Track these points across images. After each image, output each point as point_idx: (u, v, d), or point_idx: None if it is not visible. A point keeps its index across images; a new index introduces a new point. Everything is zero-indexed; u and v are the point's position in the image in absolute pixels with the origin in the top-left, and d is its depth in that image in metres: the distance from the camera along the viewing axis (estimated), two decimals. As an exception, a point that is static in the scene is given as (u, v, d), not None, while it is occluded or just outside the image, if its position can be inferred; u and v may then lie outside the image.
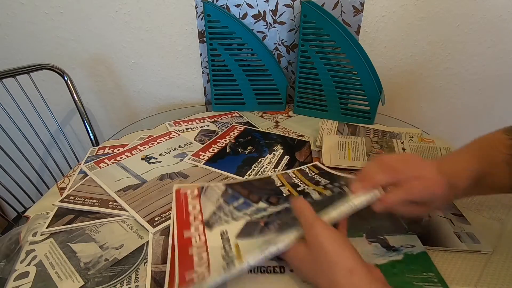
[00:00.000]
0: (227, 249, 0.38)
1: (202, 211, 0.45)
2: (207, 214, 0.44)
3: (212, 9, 0.71)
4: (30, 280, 0.36)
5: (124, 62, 0.91)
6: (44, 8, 0.82)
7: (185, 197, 0.47)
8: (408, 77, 0.93)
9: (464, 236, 0.42)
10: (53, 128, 0.88)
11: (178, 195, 0.48)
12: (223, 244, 0.39)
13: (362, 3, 0.77)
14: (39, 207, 0.50)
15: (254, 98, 0.82)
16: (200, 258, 0.37)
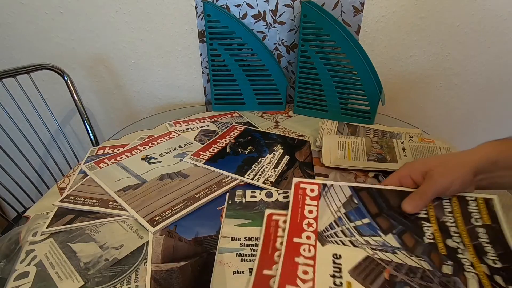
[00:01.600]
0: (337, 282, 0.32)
1: (318, 218, 0.39)
2: (322, 225, 0.38)
3: (212, 9, 0.71)
4: (30, 280, 0.36)
5: (124, 62, 0.91)
6: (44, 8, 0.82)
7: (304, 195, 0.42)
8: (408, 77, 0.93)
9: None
10: (53, 128, 0.88)
11: (297, 190, 0.42)
12: (334, 272, 0.33)
13: (362, 3, 0.77)
14: (39, 207, 0.50)
15: (254, 98, 0.82)
16: (305, 273, 0.33)
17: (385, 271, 0.33)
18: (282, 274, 0.33)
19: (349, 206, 0.40)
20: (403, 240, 0.36)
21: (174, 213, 0.45)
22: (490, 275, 0.32)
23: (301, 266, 0.34)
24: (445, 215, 0.38)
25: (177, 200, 0.48)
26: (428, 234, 0.36)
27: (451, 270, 0.33)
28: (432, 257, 0.34)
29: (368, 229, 0.37)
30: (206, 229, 0.43)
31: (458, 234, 0.36)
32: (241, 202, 0.48)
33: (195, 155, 0.61)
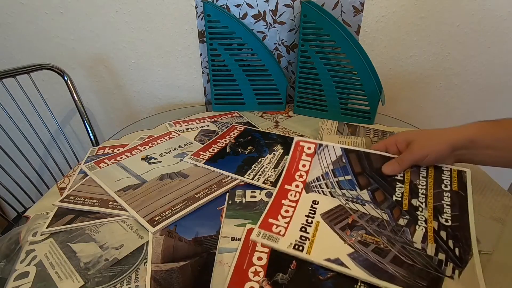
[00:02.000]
0: (308, 221, 0.40)
1: (309, 172, 0.46)
2: (311, 177, 0.45)
3: (212, 9, 0.71)
4: (30, 280, 0.36)
5: (124, 62, 0.91)
6: (44, 8, 0.82)
7: (301, 151, 0.49)
8: (408, 77, 0.93)
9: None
10: (53, 128, 0.88)
11: (296, 147, 0.50)
12: (309, 213, 0.41)
13: (362, 3, 0.77)
14: (39, 207, 0.50)
15: (254, 98, 0.82)
16: (286, 212, 0.41)
17: (350, 217, 0.40)
18: (268, 211, 0.42)
19: (337, 164, 0.46)
20: (375, 196, 0.42)
21: (174, 213, 0.45)
22: (437, 229, 0.38)
23: (284, 207, 0.42)
24: (419, 179, 0.44)
25: (177, 200, 0.48)
26: (397, 193, 0.42)
27: (405, 222, 0.39)
28: (394, 211, 0.40)
29: (348, 184, 0.44)
30: (206, 229, 0.43)
31: (425, 196, 0.42)
32: (241, 202, 0.48)
33: (195, 155, 0.61)
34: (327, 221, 0.40)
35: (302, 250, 0.36)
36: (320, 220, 0.40)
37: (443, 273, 0.34)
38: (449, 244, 0.37)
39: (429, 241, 0.37)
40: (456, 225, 0.38)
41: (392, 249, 0.36)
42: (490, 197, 0.51)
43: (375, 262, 0.35)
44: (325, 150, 0.48)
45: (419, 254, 0.36)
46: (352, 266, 0.34)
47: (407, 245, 0.37)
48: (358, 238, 0.38)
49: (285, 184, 0.46)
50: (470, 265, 0.34)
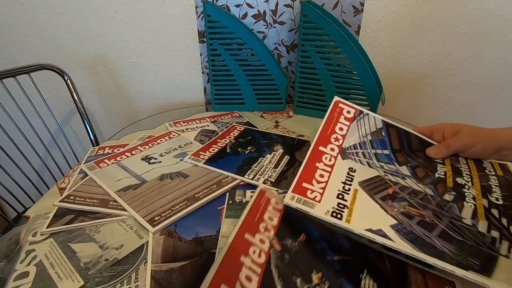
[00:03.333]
0: (346, 188, 0.37)
1: (346, 136, 0.43)
2: (348, 142, 0.43)
3: (212, 9, 0.71)
4: (30, 280, 0.36)
5: (124, 62, 0.91)
6: (44, 8, 0.82)
7: (340, 113, 0.46)
8: (408, 77, 0.93)
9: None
10: (53, 128, 0.88)
11: (335, 107, 0.47)
12: (346, 180, 0.38)
13: (362, 3, 0.77)
14: (39, 207, 0.50)
15: (254, 98, 0.82)
16: (321, 177, 0.38)
17: (390, 188, 0.37)
18: (301, 174, 0.38)
19: (376, 135, 0.43)
20: (415, 172, 0.39)
21: (174, 213, 0.45)
22: (487, 207, 0.34)
23: (319, 171, 0.39)
24: (460, 164, 0.41)
25: (177, 200, 0.48)
26: (440, 171, 0.39)
27: (451, 198, 0.36)
28: (438, 187, 0.37)
29: (386, 158, 0.41)
30: (206, 229, 0.43)
31: (469, 176, 0.39)
32: (241, 202, 0.48)
33: (195, 155, 0.61)
34: (366, 190, 0.36)
35: (341, 218, 0.34)
36: (358, 188, 0.37)
37: (498, 252, 0.30)
38: (503, 222, 0.33)
39: (479, 218, 0.33)
40: (508, 204, 0.35)
41: (439, 223, 0.33)
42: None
43: (421, 236, 0.31)
44: (365, 118, 0.46)
45: (469, 230, 0.32)
46: (396, 239, 0.31)
47: (456, 220, 0.33)
48: (401, 209, 0.34)
49: (320, 145, 0.42)
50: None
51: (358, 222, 0.33)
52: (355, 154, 0.42)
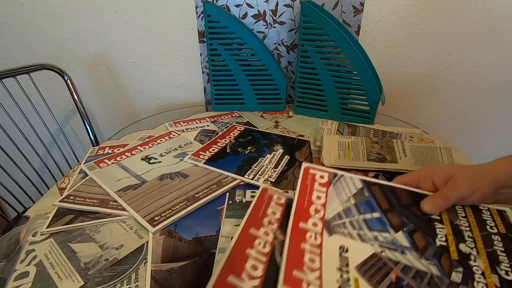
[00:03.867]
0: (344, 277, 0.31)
1: (327, 206, 0.38)
2: (330, 213, 0.37)
3: (212, 9, 0.71)
4: (30, 280, 0.36)
5: (124, 62, 0.91)
6: (44, 8, 0.82)
7: (312, 180, 0.40)
8: (408, 77, 0.93)
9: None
10: (53, 128, 0.88)
11: (305, 174, 0.41)
12: (340, 265, 0.32)
13: (362, 3, 0.77)
14: (39, 207, 0.50)
15: (254, 98, 0.82)
16: (311, 262, 0.32)
17: (392, 272, 0.31)
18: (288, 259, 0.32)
19: (359, 198, 0.38)
20: (414, 239, 0.34)
21: (174, 213, 0.45)
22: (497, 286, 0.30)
23: (307, 254, 0.33)
24: (459, 219, 0.36)
25: (177, 200, 0.48)
26: (440, 236, 0.34)
27: (460, 278, 0.31)
28: (443, 261, 0.32)
29: (378, 224, 0.36)
30: (206, 229, 0.43)
31: (472, 240, 0.34)
32: (241, 202, 0.48)
33: (195, 155, 0.61)
34: (367, 278, 0.31)
35: None
36: (358, 277, 0.31)
37: None
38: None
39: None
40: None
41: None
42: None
43: None
44: (341, 180, 0.40)
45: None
46: None
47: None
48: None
49: (300, 221, 0.36)
50: None
51: None
52: (342, 225, 0.36)
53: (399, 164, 0.56)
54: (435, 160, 0.57)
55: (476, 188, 0.37)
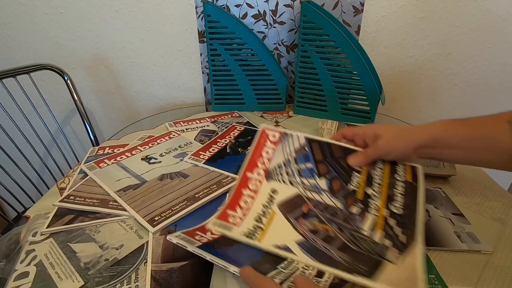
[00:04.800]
0: (265, 211, 0.41)
1: (272, 159, 0.46)
2: (273, 164, 0.46)
3: (212, 9, 0.71)
4: (30, 280, 0.36)
5: (124, 62, 0.91)
6: (44, 8, 0.82)
7: (265, 138, 0.49)
8: (408, 77, 0.93)
9: (464, 236, 0.42)
10: (53, 128, 0.88)
11: (262, 134, 0.49)
12: (266, 203, 0.41)
13: (362, 3, 0.77)
14: (39, 207, 0.50)
15: (254, 98, 0.82)
16: (245, 203, 0.41)
17: (305, 206, 0.41)
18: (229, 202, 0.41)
19: (300, 152, 0.47)
20: (332, 184, 0.43)
21: (174, 213, 0.45)
22: (387, 217, 0.38)
23: (244, 197, 0.42)
24: (375, 170, 0.45)
25: (177, 200, 0.48)
26: (354, 182, 0.43)
27: (357, 211, 0.40)
28: (348, 199, 0.41)
29: (308, 172, 0.44)
30: (206, 229, 0.43)
31: (379, 185, 0.42)
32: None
33: (195, 155, 0.61)
34: (282, 211, 0.41)
35: (254, 238, 0.38)
36: (276, 211, 0.41)
37: (385, 258, 0.35)
38: (396, 231, 0.37)
39: (377, 228, 0.38)
40: (406, 214, 0.39)
41: (341, 236, 0.37)
42: (490, 197, 0.51)
43: (322, 249, 0.36)
44: (289, 139, 0.48)
45: (365, 240, 0.37)
46: (298, 253, 0.36)
47: (356, 232, 0.38)
48: (310, 226, 0.39)
49: (248, 171, 0.45)
50: (413, 252, 0.35)
51: (268, 241, 0.37)
52: (280, 174, 0.45)
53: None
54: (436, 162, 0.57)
55: (394, 148, 0.44)
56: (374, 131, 0.46)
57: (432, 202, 0.49)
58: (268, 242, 0.37)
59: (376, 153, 0.45)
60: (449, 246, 0.40)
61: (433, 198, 0.49)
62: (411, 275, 0.32)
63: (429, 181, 0.54)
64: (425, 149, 0.43)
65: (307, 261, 0.35)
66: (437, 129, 0.43)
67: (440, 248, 0.40)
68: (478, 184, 0.54)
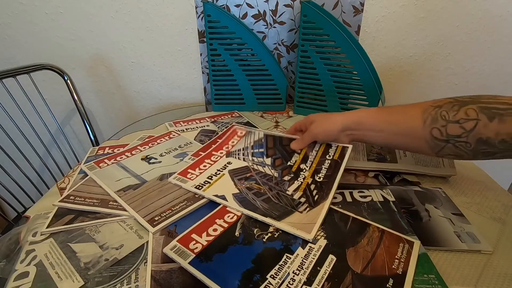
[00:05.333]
0: (216, 173, 0.52)
1: (235, 145, 0.60)
2: (234, 148, 0.59)
3: (212, 9, 0.71)
4: (30, 280, 0.36)
5: (124, 62, 0.91)
6: (44, 8, 0.82)
7: (234, 133, 0.63)
8: (408, 77, 0.93)
9: (464, 235, 0.42)
10: (53, 128, 0.88)
11: (233, 130, 0.64)
12: (221, 169, 0.53)
13: (362, 3, 0.77)
14: (39, 207, 0.50)
15: (254, 98, 0.82)
16: (203, 167, 0.54)
17: (250, 173, 0.52)
18: (190, 165, 0.54)
19: (257, 142, 0.60)
20: (275, 162, 0.54)
21: (174, 213, 0.45)
22: (309, 183, 0.48)
23: (204, 163, 0.55)
24: (311, 152, 0.55)
25: (177, 200, 0.48)
26: (292, 160, 0.54)
27: (288, 178, 0.50)
28: (284, 171, 0.51)
29: (259, 154, 0.57)
30: (206, 229, 0.43)
31: (311, 162, 0.52)
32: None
33: (195, 155, 0.61)
34: (230, 174, 0.52)
35: (200, 189, 0.48)
36: (226, 173, 0.52)
37: (296, 209, 0.44)
38: (313, 193, 0.46)
39: (299, 191, 0.47)
40: (325, 181, 0.48)
41: (268, 193, 0.47)
42: (490, 197, 0.51)
43: (250, 200, 0.46)
44: (252, 134, 0.62)
45: (286, 197, 0.46)
46: (230, 201, 0.46)
47: (281, 192, 0.47)
48: (247, 185, 0.49)
49: (213, 151, 0.58)
50: (320, 207, 0.44)
51: (210, 191, 0.48)
52: (237, 153, 0.58)
53: (399, 164, 0.56)
54: (435, 160, 0.57)
55: (322, 130, 0.53)
56: (310, 119, 0.55)
57: (432, 202, 0.48)
58: (211, 192, 0.48)
59: (309, 135, 0.54)
60: (449, 246, 0.40)
61: (433, 198, 0.49)
62: (310, 220, 0.42)
63: (429, 181, 0.54)
64: (350, 131, 0.50)
65: (234, 206, 0.45)
66: (362, 113, 0.50)
67: (440, 248, 0.40)
68: (478, 184, 0.54)
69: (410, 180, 0.55)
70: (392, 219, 0.44)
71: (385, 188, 0.51)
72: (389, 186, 0.53)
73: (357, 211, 0.45)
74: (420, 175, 0.56)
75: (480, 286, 0.36)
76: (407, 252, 0.38)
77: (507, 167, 1.06)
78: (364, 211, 0.46)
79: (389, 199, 0.48)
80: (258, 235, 0.40)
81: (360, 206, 0.47)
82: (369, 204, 0.47)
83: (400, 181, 0.55)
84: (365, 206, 0.47)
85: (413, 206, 0.47)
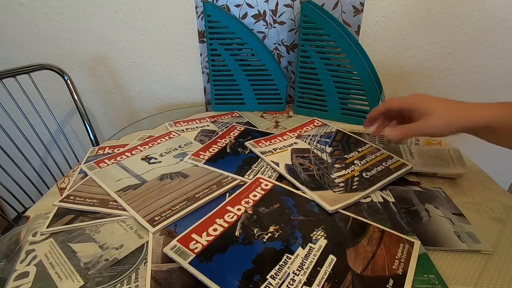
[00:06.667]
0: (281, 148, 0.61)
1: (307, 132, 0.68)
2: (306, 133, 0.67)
3: (212, 9, 0.71)
4: (30, 280, 0.36)
5: (124, 62, 0.91)
6: (44, 8, 0.82)
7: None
8: (408, 77, 0.93)
9: (464, 236, 0.42)
10: (53, 128, 0.88)
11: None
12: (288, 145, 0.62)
13: (362, 3, 0.77)
14: (39, 207, 0.50)
15: (254, 98, 0.82)
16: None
17: (308, 154, 0.59)
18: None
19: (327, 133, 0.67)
20: (334, 152, 0.60)
21: (174, 213, 0.45)
22: (354, 175, 0.52)
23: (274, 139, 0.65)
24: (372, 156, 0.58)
25: (177, 200, 0.48)
26: (350, 155, 0.58)
27: (338, 167, 0.55)
28: (338, 161, 0.56)
29: (324, 142, 0.63)
30: (206, 229, 0.43)
31: (366, 161, 0.56)
32: (241, 201, 0.49)
33: (195, 155, 0.61)
34: (292, 151, 0.59)
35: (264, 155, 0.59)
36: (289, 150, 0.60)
37: (331, 188, 0.49)
38: (354, 183, 0.50)
39: (342, 178, 0.51)
40: (370, 180, 0.51)
41: (315, 172, 0.53)
42: (490, 197, 0.51)
43: (296, 171, 0.53)
44: (326, 126, 0.71)
45: (328, 179, 0.51)
46: (281, 168, 0.54)
47: (326, 174, 0.52)
48: (301, 161, 0.56)
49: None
50: (353, 194, 0.48)
51: (271, 158, 0.57)
52: (306, 138, 0.65)
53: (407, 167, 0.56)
54: (446, 162, 0.57)
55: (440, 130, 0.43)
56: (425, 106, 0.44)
57: (432, 202, 0.48)
58: (270, 158, 0.57)
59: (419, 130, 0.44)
60: (449, 246, 0.40)
61: (433, 198, 0.49)
62: (338, 199, 0.46)
63: (429, 181, 0.54)
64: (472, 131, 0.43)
65: (282, 172, 0.53)
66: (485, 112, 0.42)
67: (440, 248, 0.40)
68: (478, 184, 0.54)
69: (410, 180, 0.55)
70: (392, 219, 0.44)
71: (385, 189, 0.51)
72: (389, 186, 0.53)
73: (357, 212, 0.45)
74: (422, 175, 0.56)
75: (480, 286, 0.36)
76: (407, 252, 0.38)
77: (507, 167, 1.06)
78: (364, 211, 0.46)
79: (388, 200, 0.48)
80: (258, 235, 0.40)
81: (360, 207, 0.47)
82: (369, 204, 0.47)
83: (400, 181, 0.55)
84: (365, 207, 0.47)
85: (413, 206, 0.48)
